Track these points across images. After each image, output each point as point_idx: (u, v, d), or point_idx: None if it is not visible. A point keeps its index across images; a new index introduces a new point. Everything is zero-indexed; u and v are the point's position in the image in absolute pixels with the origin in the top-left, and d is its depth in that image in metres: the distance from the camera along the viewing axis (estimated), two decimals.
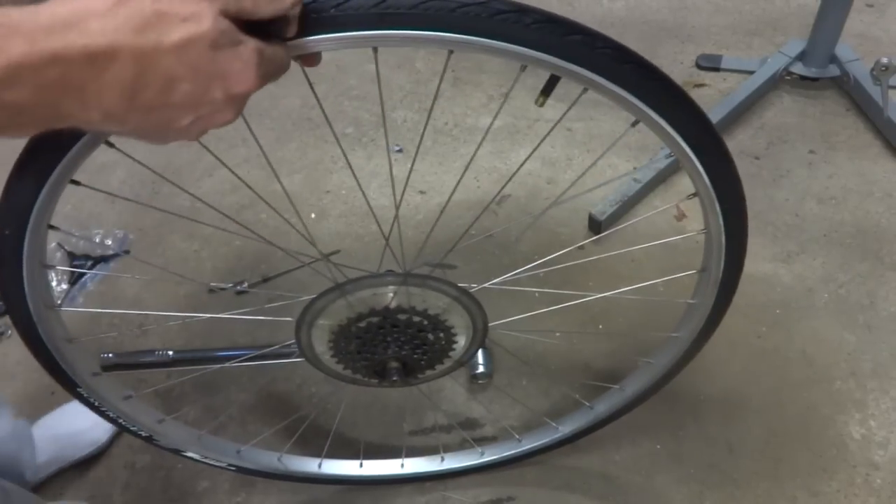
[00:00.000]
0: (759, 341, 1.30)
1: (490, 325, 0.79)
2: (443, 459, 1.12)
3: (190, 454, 0.96)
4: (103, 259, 1.52)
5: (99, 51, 0.42)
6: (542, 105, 0.64)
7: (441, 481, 1.15)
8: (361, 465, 1.10)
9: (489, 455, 1.12)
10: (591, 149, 1.67)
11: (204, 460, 0.98)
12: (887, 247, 1.44)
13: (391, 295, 0.73)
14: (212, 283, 1.43)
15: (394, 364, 0.77)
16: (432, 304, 0.74)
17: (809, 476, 1.13)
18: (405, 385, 0.84)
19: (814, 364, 1.26)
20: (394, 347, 0.76)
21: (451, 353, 0.81)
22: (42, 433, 1.17)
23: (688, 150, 0.65)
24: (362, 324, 0.74)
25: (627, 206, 1.52)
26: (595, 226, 1.48)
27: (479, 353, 1.25)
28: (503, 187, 1.44)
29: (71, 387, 0.80)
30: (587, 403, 1.08)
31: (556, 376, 1.27)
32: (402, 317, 0.74)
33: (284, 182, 1.62)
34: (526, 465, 1.15)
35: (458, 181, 1.53)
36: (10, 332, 1.37)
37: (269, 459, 1.05)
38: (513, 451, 1.12)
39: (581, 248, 1.47)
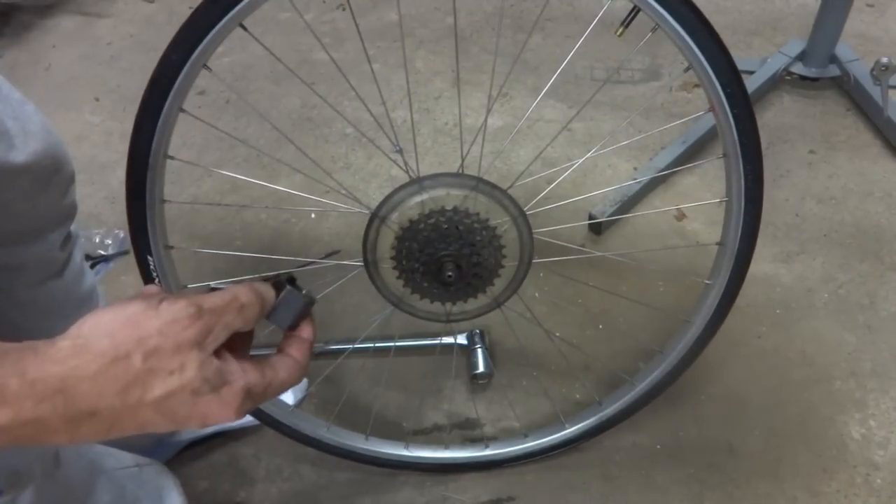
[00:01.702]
0: (759, 341, 1.30)
1: (534, 261, 0.85)
2: (447, 447, 1.12)
3: None
4: (103, 259, 1.52)
5: (79, 414, 0.44)
6: (620, 35, 0.77)
7: (441, 481, 1.15)
8: (367, 438, 1.10)
9: (494, 448, 1.13)
10: (591, 148, 1.67)
11: None
12: (887, 247, 1.44)
13: (462, 196, 0.80)
14: (212, 283, 1.43)
15: (451, 263, 0.82)
16: (493, 219, 0.82)
17: (809, 476, 1.13)
18: (451, 302, 0.87)
19: (814, 364, 1.26)
20: (455, 246, 0.81)
21: (495, 282, 0.86)
22: None
23: (725, 101, 0.75)
24: (431, 220, 0.80)
25: (628, 205, 1.52)
26: (595, 225, 1.48)
27: (479, 353, 1.25)
28: (513, 183, 1.44)
29: (143, 253, 0.83)
30: (596, 398, 1.08)
31: (561, 375, 1.27)
32: (466, 220, 0.80)
33: (283, 182, 1.62)
34: (526, 465, 1.15)
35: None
36: None
37: (282, 409, 1.04)
38: (518, 447, 1.12)
39: (581, 246, 1.47)
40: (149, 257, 0.83)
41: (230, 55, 2.01)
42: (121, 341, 0.45)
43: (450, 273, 0.81)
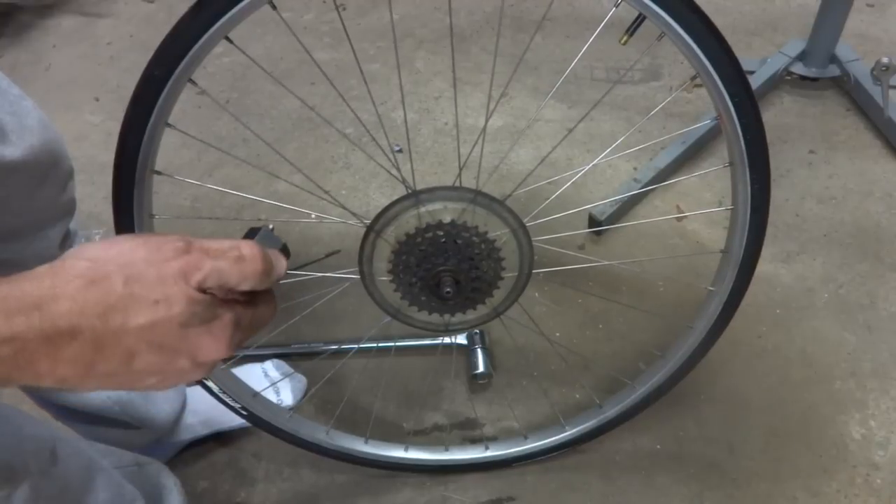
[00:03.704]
0: (760, 341, 1.30)
1: (534, 271, 0.84)
2: (447, 449, 1.13)
3: (210, 384, 0.95)
4: None
5: (58, 333, 0.42)
6: (625, 43, 0.75)
7: (441, 482, 1.15)
8: (367, 441, 1.10)
9: (494, 450, 1.13)
10: (591, 149, 1.67)
11: (220, 395, 0.97)
12: (887, 247, 1.44)
13: (460, 209, 0.79)
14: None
15: (449, 278, 0.81)
16: (492, 231, 0.81)
17: (809, 476, 1.13)
18: (450, 314, 0.87)
19: (814, 364, 1.26)
20: (453, 260, 0.80)
21: (494, 293, 0.85)
22: (198, 394, 1.14)
23: (732, 109, 0.74)
24: (429, 234, 0.79)
25: (628, 205, 1.52)
26: (595, 226, 1.48)
27: (479, 354, 1.25)
28: (512, 192, 1.44)
29: None
30: (596, 400, 1.08)
31: (561, 376, 1.27)
32: (465, 234, 0.79)
33: (283, 184, 1.62)
34: (526, 466, 1.15)
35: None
36: None
37: (281, 415, 1.04)
38: (518, 448, 1.12)
39: (581, 247, 1.47)
40: None
41: (230, 55, 2.01)
42: (101, 264, 0.44)
43: (448, 289, 0.80)
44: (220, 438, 1.20)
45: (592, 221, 1.48)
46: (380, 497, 1.14)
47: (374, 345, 1.30)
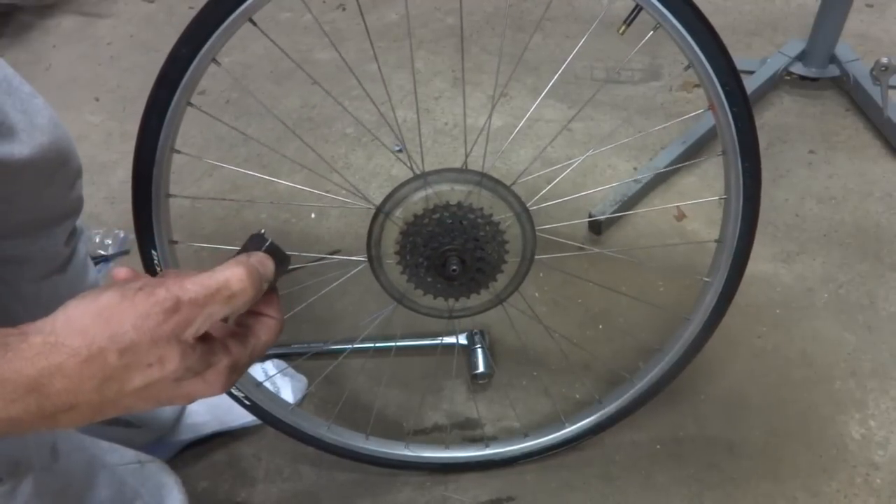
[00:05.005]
0: (759, 341, 1.30)
1: (536, 257, 0.86)
2: (447, 447, 1.13)
3: None
4: (103, 259, 1.52)
5: (56, 409, 0.44)
6: (623, 33, 0.79)
7: (441, 481, 1.15)
8: (367, 437, 1.10)
9: (494, 448, 1.13)
10: (590, 149, 1.67)
11: None
12: (887, 247, 1.44)
13: (466, 191, 0.81)
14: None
15: (455, 257, 0.83)
16: (497, 215, 0.83)
17: (809, 476, 1.13)
18: (454, 298, 0.88)
19: (814, 364, 1.26)
20: (459, 240, 0.82)
21: (497, 277, 0.86)
22: None
23: (724, 98, 0.77)
24: (436, 215, 0.81)
25: (627, 206, 1.52)
26: (595, 225, 1.48)
27: (480, 353, 1.25)
28: (515, 180, 1.44)
29: (147, 247, 0.83)
30: (596, 397, 1.08)
31: (561, 374, 1.27)
32: (471, 215, 0.81)
33: (284, 182, 1.62)
34: (526, 465, 1.15)
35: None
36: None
37: (283, 407, 1.04)
38: (518, 446, 1.12)
39: (581, 247, 1.47)
40: (153, 252, 0.84)
41: (230, 55, 2.01)
42: (93, 338, 0.44)
43: (454, 267, 0.81)
44: (221, 438, 1.20)
45: (592, 221, 1.48)
46: (380, 497, 1.14)
47: (375, 345, 1.30)
